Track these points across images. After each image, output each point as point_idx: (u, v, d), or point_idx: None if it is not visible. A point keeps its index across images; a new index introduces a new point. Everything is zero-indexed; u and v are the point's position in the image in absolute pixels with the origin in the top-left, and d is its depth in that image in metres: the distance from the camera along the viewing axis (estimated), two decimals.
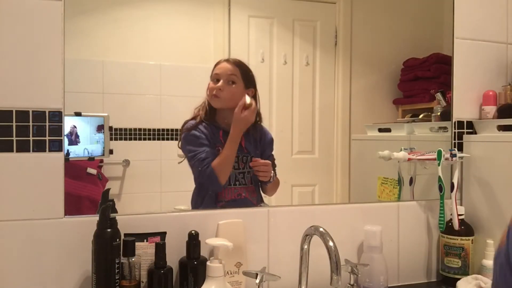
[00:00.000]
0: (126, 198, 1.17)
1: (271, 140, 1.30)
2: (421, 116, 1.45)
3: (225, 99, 1.22)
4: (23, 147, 0.98)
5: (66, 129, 1.04)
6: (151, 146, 1.20)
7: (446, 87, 1.39)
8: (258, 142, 1.27)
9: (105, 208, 0.96)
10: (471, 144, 1.34)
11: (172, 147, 1.22)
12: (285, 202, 1.28)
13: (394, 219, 1.30)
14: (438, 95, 1.41)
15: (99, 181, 1.15)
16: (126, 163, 1.18)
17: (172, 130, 1.22)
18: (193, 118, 1.22)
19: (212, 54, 1.26)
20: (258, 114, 1.27)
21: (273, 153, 1.29)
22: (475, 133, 1.37)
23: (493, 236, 1.22)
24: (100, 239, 0.95)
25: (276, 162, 1.28)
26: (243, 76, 1.23)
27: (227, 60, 1.24)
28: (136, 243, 1.00)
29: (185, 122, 1.22)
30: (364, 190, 1.47)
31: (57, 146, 1.00)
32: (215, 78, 1.22)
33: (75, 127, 1.10)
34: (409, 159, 1.31)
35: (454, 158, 1.27)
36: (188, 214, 1.12)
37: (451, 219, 1.26)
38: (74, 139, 1.10)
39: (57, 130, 1.00)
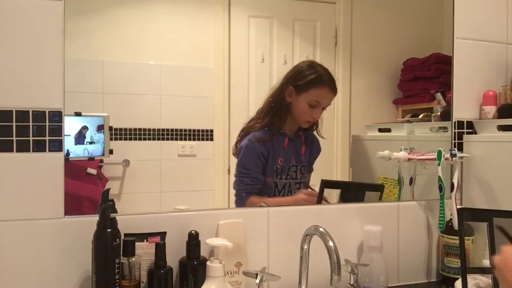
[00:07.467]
0: (126, 198, 1.17)
1: (319, 150, 1.33)
2: (421, 116, 1.45)
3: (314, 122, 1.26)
4: (23, 147, 0.98)
5: (76, 129, 1.04)
6: (151, 146, 1.20)
7: (446, 87, 1.39)
8: (313, 150, 1.30)
9: (105, 208, 0.96)
10: (471, 144, 1.34)
11: (172, 147, 1.22)
12: None
13: (394, 219, 1.30)
14: (438, 95, 1.41)
15: (99, 181, 1.15)
16: (126, 163, 1.18)
17: (172, 130, 1.21)
18: (256, 125, 1.21)
19: (212, 54, 1.26)
20: (316, 123, 1.30)
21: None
22: (475, 133, 1.37)
23: None
24: (100, 239, 0.95)
25: None
26: None
27: (332, 88, 1.21)
28: (136, 243, 1.00)
29: (248, 128, 1.20)
30: None
31: (57, 146, 1.00)
32: (314, 103, 1.21)
33: (86, 128, 1.10)
34: (409, 159, 1.31)
35: (454, 158, 1.27)
36: (188, 214, 1.12)
37: (451, 219, 1.26)
38: (80, 139, 1.11)
39: (57, 130, 1.00)
